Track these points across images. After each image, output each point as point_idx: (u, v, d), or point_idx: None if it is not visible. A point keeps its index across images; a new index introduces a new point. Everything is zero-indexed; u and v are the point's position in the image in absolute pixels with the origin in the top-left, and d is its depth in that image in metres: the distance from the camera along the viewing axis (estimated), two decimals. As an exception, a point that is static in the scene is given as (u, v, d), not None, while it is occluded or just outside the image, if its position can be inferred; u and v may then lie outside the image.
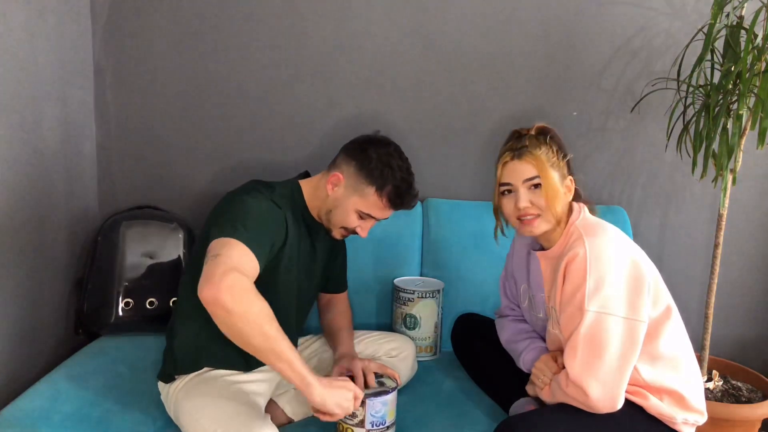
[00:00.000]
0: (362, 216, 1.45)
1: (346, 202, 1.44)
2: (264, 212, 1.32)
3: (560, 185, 1.35)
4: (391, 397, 1.37)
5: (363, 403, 1.34)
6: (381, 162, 1.42)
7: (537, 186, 1.34)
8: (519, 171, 1.35)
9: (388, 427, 1.37)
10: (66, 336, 1.85)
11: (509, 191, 1.37)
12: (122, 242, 1.79)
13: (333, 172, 1.46)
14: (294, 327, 1.56)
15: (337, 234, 1.49)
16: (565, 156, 1.38)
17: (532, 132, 1.39)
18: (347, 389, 1.26)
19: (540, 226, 1.35)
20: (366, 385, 1.41)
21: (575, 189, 1.40)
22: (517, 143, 1.37)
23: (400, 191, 1.44)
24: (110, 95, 2.00)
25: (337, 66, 1.99)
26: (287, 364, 1.16)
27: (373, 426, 1.35)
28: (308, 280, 1.51)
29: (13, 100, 1.58)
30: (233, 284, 1.11)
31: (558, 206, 1.34)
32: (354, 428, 1.36)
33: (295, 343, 1.56)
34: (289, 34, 1.97)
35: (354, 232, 1.48)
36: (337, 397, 1.23)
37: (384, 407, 1.36)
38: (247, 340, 1.12)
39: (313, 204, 1.49)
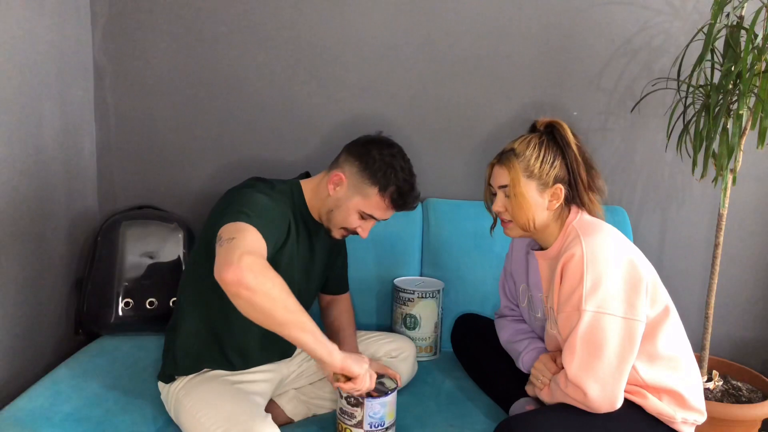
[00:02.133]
0: (363, 216, 1.44)
1: (347, 202, 1.43)
2: (270, 205, 1.32)
3: (536, 195, 1.35)
4: (390, 399, 1.37)
5: (361, 404, 1.34)
6: (384, 163, 1.42)
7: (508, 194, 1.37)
8: (497, 176, 1.39)
9: (387, 428, 1.37)
10: (66, 336, 1.85)
11: (492, 192, 1.42)
12: (122, 242, 1.79)
13: (335, 171, 1.45)
14: None
15: (337, 234, 1.48)
16: (561, 158, 1.35)
17: (541, 127, 1.40)
18: (364, 360, 1.29)
19: (512, 231, 1.40)
20: None
21: (577, 192, 1.37)
22: (510, 145, 1.39)
23: (403, 192, 1.43)
24: (110, 95, 2.00)
25: (337, 66, 1.99)
26: (311, 334, 1.17)
27: (371, 427, 1.35)
28: (307, 280, 1.51)
29: (13, 100, 1.58)
30: (253, 264, 1.11)
31: (523, 218, 1.35)
32: (353, 428, 1.36)
33: (292, 350, 1.56)
34: (289, 34, 1.97)
35: (354, 233, 1.48)
36: (358, 361, 1.26)
37: (383, 408, 1.36)
38: (272, 316, 1.13)
39: (313, 204, 1.49)
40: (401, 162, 1.44)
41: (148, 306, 1.79)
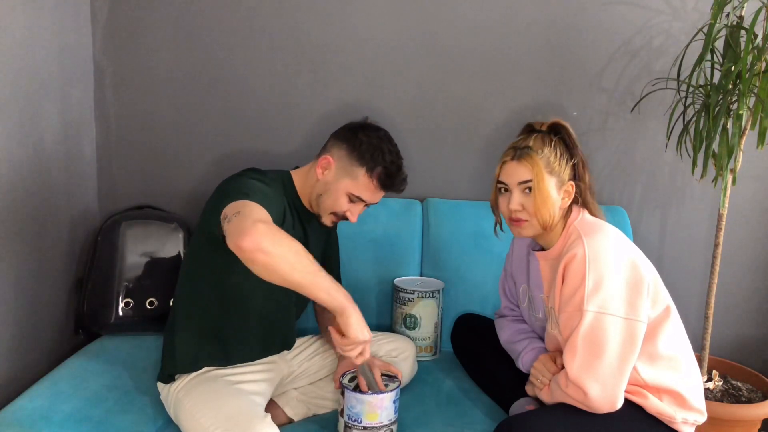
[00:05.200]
0: (352, 199, 1.47)
1: (336, 185, 1.46)
2: (265, 188, 1.35)
3: (555, 191, 1.35)
4: (368, 398, 1.34)
5: (343, 392, 1.37)
6: (372, 145, 1.46)
7: (531, 189, 1.34)
8: (515, 172, 1.36)
9: (366, 428, 1.35)
10: (66, 336, 1.85)
11: (505, 189, 1.39)
12: (122, 242, 1.79)
13: (323, 156, 1.49)
14: (293, 320, 1.56)
15: (327, 220, 1.50)
16: (570, 158, 1.37)
17: (544, 128, 1.39)
18: (368, 343, 1.28)
19: (527, 230, 1.38)
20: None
21: (581, 192, 1.39)
22: (522, 142, 1.37)
23: (390, 172, 1.47)
24: (110, 95, 2.00)
25: (338, 67, 1.99)
26: (325, 293, 1.20)
27: (349, 419, 1.36)
28: None
29: (13, 100, 1.58)
30: (267, 229, 1.14)
31: (546, 214, 1.34)
32: (339, 414, 1.39)
33: (292, 341, 1.56)
34: (289, 35, 1.97)
35: (344, 218, 1.49)
36: (363, 331, 1.25)
37: (359, 405, 1.34)
38: (289, 277, 1.15)
39: (303, 191, 1.51)
40: (388, 145, 1.48)
41: (148, 306, 1.79)
